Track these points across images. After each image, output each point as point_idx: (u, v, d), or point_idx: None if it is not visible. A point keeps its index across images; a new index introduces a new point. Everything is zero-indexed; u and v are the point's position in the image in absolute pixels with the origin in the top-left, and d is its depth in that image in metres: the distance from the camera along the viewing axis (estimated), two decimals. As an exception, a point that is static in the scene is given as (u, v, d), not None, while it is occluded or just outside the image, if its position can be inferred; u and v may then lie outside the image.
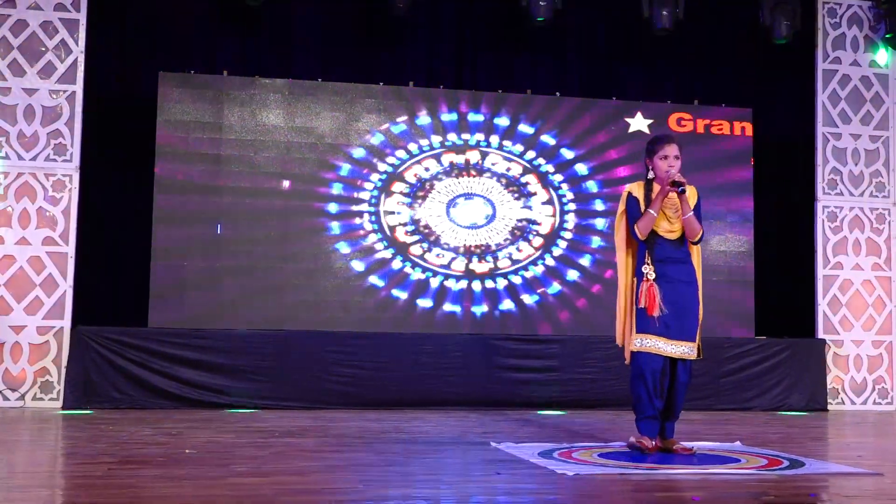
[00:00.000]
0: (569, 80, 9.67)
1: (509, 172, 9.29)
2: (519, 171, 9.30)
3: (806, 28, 9.42)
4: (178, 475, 4.34)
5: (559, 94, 9.47)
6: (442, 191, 9.20)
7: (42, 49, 8.40)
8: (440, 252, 9.11)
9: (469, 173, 9.24)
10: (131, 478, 4.29)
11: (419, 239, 9.11)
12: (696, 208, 5.59)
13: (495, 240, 9.21)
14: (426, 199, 9.16)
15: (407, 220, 9.12)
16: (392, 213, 9.10)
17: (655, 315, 5.41)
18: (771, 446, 5.94)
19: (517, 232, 9.26)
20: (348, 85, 9.15)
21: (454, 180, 9.22)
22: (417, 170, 9.18)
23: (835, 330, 9.35)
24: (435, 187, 9.19)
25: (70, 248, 8.31)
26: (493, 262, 9.18)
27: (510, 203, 9.26)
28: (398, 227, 9.10)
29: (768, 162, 9.90)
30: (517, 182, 9.29)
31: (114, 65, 8.97)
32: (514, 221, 9.26)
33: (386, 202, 9.09)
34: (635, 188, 5.64)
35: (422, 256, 9.09)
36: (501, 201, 9.25)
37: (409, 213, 9.13)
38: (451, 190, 9.22)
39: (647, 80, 9.83)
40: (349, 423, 6.97)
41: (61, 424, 6.83)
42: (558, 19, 9.03)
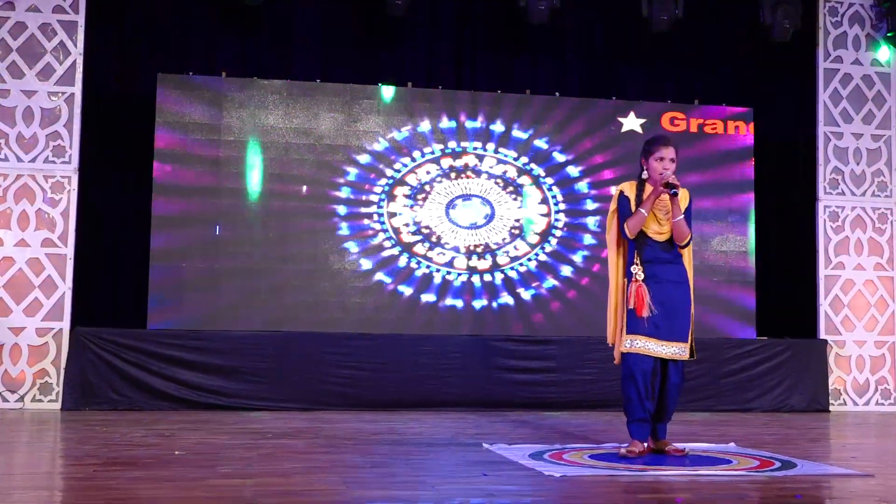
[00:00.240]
0: (568, 81, 9.63)
1: (506, 175, 9.28)
2: (514, 174, 9.29)
3: (807, 27, 9.37)
4: (161, 476, 4.34)
5: (558, 94, 9.44)
6: (441, 192, 9.19)
7: (41, 51, 8.41)
8: (441, 251, 9.11)
9: (467, 175, 9.23)
10: (113, 479, 4.28)
11: (422, 238, 9.11)
12: (687, 211, 5.56)
13: (494, 238, 9.21)
14: (426, 202, 9.15)
15: (409, 220, 9.12)
16: (396, 215, 9.09)
17: (644, 316, 5.37)
18: (766, 448, 5.90)
19: (515, 231, 9.25)
20: (347, 86, 9.14)
21: (452, 183, 9.20)
22: (419, 173, 9.18)
23: (837, 330, 9.29)
24: (434, 189, 9.18)
25: (69, 250, 8.32)
26: (491, 259, 9.19)
27: (508, 203, 9.25)
28: (402, 228, 9.10)
29: (769, 161, 9.85)
30: (514, 183, 9.29)
31: (112, 66, 8.98)
32: (511, 221, 9.26)
33: (390, 205, 9.08)
34: (627, 187, 5.61)
35: (425, 255, 9.09)
36: (499, 202, 9.24)
37: (412, 215, 9.12)
38: (449, 192, 9.21)
39: (646, 79, 9.78)
40: (344, 425, 6.96)
41: (57, 426, 6.85)
42: (557, 19, 9.02)
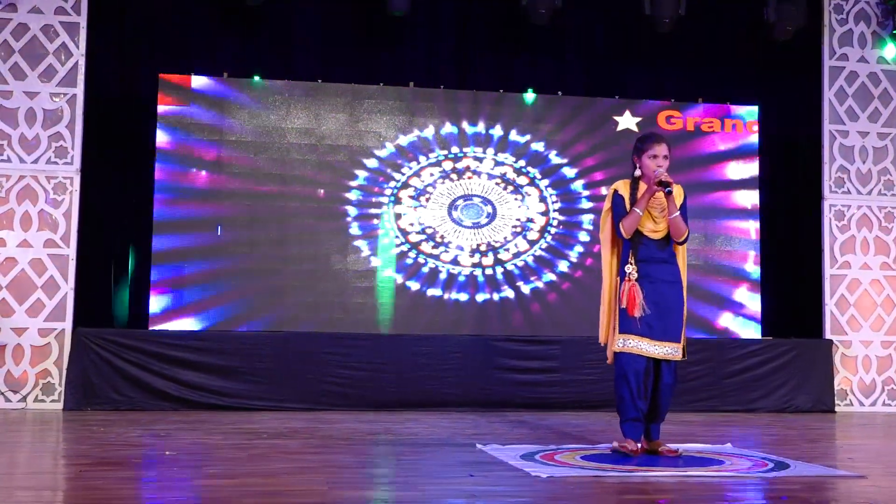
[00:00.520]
0: (569, 80, 9.61)
1: (506, 175, 9.27)
2: (514, 174, 9.28)
3: (811, 24, 9.30)
4: (145, 477, 4.34)
5: (561, 93, 9.41)
6: (444, 193, 9.19)
7: (43, 52, 8.44)
8: (446, 249, 9.12)
9: (469, 177, 9.22)
10: (99, 479, 4.28)
11: (426, 238, 9.11)
12: (683, 208, 5.52)
13: (496, 237, 9.20)
14: (430, 202, 9.16)
15: (414, 220, 9.11)
16: (401, 216, 9.10)
17: (637, 315, 5.34)
18: (763, 448, 5.86)
19: (517, 228, 9.23)
20: (348, 86, 9.15)
21: (454, 184, 9.20)
22: (423, 175, 9.18)
23: (843, 330, 9.21)
24: (437, 190, 9.18)
25: (71, 251, 8.34)
26: (493, 256, 9.18)
27: (508, 203, 9.24)
28: (408, 227, 9.10)
29: (775, 160, 9.80)
30: (514, 183, 9.27)
31: (114, 67, 9.01)
32: (513, 220, 9.25)
33: (395, 206, 9.09)
34: (621, 186, 5.57)
35: (430, 253, 9.11)
36: (499, 201, 9.24)
37: (417, 216, 9.12)
38: (451, 192, 9.20)
39: (649, 79, 9.75)
40: (341, 425, 6.95)
41: (57, 426, 6.85)
42: (559, 19, 8.99)
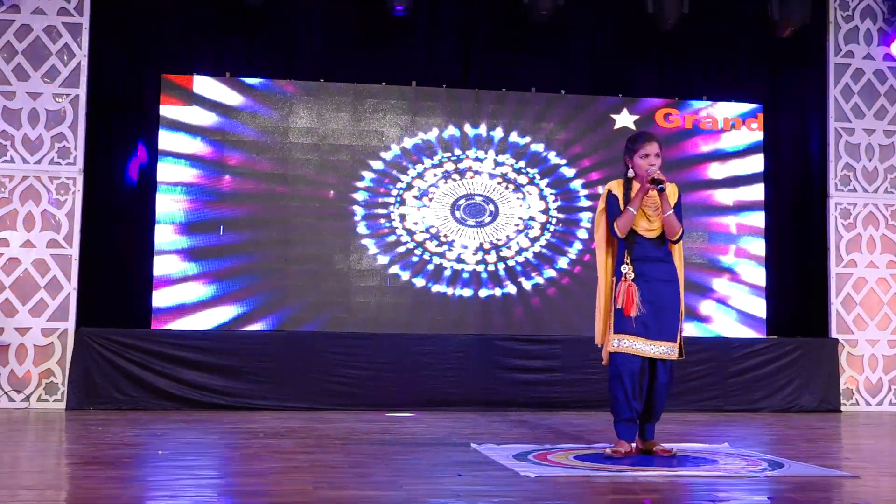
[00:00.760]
0: (571, 79, 9.55)
1: (507, 175, 9.26)
2: (514, 174, 9.27)
3: (817, 21, 9.23)
4: (133, 476, 4.34)
5: (563, 91, 9.39)
6: (447, 193, 9.18)
7: (46, 53, 8.47)
8: (450, 248, 9.11)
9: (470, 177, 9.22)
10: (86, 478, 4.29)
11: (430, 237, 9.10)
12: (677, 206, 5.48)
13: (499, 235, 9.19)
14: (433, 203, 9.15)
15: (419, 220, 9.11)
16: (406, 215, 9.10)
17: (633, 315, 5.31)
18: (760, 448, 5.82)
19: (518, 226, 9.23)
20: (350, 85, 9.14)
21: (456, 184, 9.19)
22: (426, 176, 9.18)
23: (849, 329, 9.15)
24: (440, 189, 9.17)
25: (74, 251, 8.36)
26: (496, 254, 9.18)
27: (510, 202, 9.23)
28: (413, 227, 9.11)
29: (780, 158, 9.74)
30: (514, 182, 9.26)
31: (117, 68, 9.00)
32: (515, 218, 9.24)
33: (399, 206, 9.09)
34: (615, 186, 5.55)
35: (436, 252, 9.10)
36: (501, 200, 9.23)
37: (421, 216, 9.12)
38: (454, 192, 9.19)
39: (652, 77, 9.69)
40: (340, 425, 6.94)
41: (57, 426, 6.88)
42: (561, 18, 8.95)
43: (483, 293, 9.14)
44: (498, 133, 9.30)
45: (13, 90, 8.41)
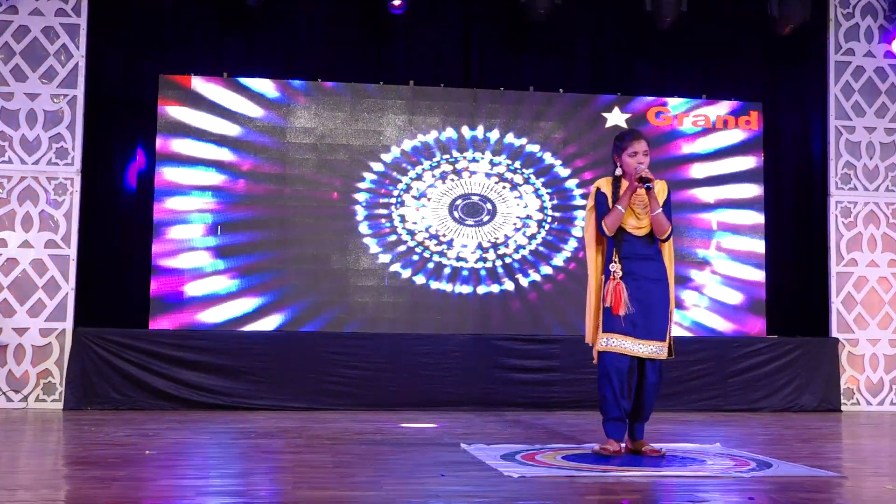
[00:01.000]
0: (569, 78, 9.53)
1: (504, 175, 9.25)
2: (511, 174, 9.25)
3: (817, 19, 9.17)
4: (116, 476, 4.33)
5: (562, 90, 9.36)
6: (445, 193, 9.17)
7: (44, 54, 8.48)
8: (448, 247, 9.10)
9: (468, 177, 9.21)
10: (68, 478, 4.30)
11: (430, 237, 9.09)
12: (666, 204, 5.46)
13: (497, 234, 9.17)
14: (432, 203, 9.14)
15: (418, 219, 9.10)
16: (405, 216, 9.10)
17: (621, 314, 5.29)
18: (753, 448, 5.79)
19: (516, 225, 9.21)
20: (348, 85, 9.13)
21: (454, 184, 9.18)
22: (425, 177, 9.16)
23: (849, 328, 9.09)
24: (438, 189, 9.16)
25: (72, 251, 8.37)
26: (494, 252, 9.16)
27: (508, 202, 9.22)
28: (413, 226, 9.10)
29: (779, 156, 9.70)
30: (510, 181, 9.25)
31: (115, 68, 9.03)
32: (512, 217, 9.22)
33: (399, 207, 9.08)
34: (604, 184, 5.53)
35: (435, 251, 9.10)
36: (498, 200, 9.21)
37: (420, 216, 9.11)
38: (451, 192, 9.18)
39: (650, 75, 9.67)
40: (335, 425, 6.93)
41: (52, 426, 6.89)
42: (558, 17, 8.93)
43: (482, 290, 9.12)
44: (495, 133, 9.27)
45: (11, 91, 8.43)
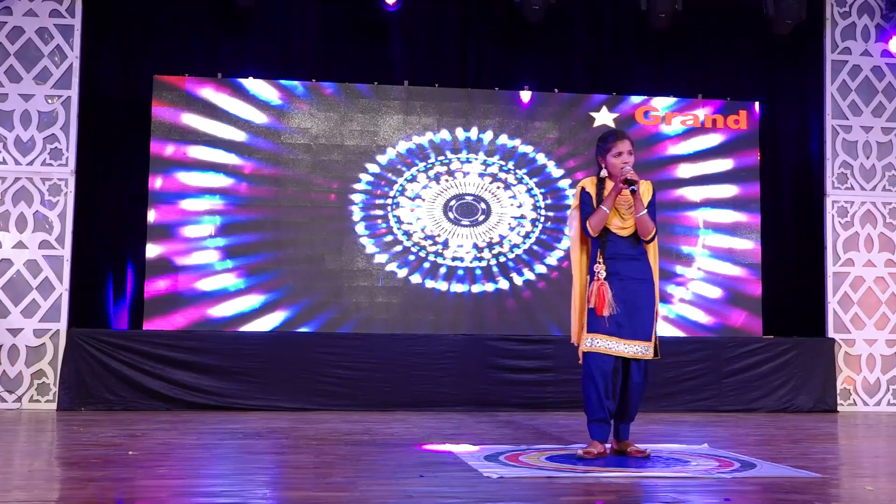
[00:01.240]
0: (565, 78, 9.52)
1: (497, 175, 9.23)
2: (504, 174, 9.24)
3: (813, 18, 9.13)
4: (93, 477, 4.32)
5: (556, 90, 9.34)
6: (439, 193, 9.16)
7: (38, 55, 8.50)
8: (443, 247, 9.09)
9: (461, 177, 9.20)
10: (45, 479, 4.29)
11: (425, 237, 9.08)
12: (651, 205, 5.43)
13: (492, 233, 9.16)
14: (426, 203, 9.13)
15: (413, 220, 9.09)
16: (401, 216, 9.09)
17: (605, 315, 5.26)
18: (741, 449, 5.76)
19: (511, 224, 9.19)
20: (342, 85, 9.13)
21: (448, 184, 9.17)
22: (419, 178, 9.15)
23: (846, 328, 9.04)
24: (433, 190, 9.16)
25: (66, 252, 8.39)
26: (489, 251, 9.15)
27: (502, 201, 9.21)
28: (408, 226, 9.09)
29: (776, 156, 9.66)
30: (504, 181, 9.23)
31: (109, 69, 9.05)
32: (507, 217, 9.21)
33: (395, 208, 9.08)
34: (588, 183, 5.51)
35: (429, 250, 9.09)
36: (493, 200, 9.20)
37: (415, 216, 9.09)
38: (446, 193, 9.17)
39: (645, 74, 9.65)
40: (325, 425, 6.92)
41: (43, 426, 6.89)
42: (554, 16, 8.92)
43: (476, 289, 9.11)
44: (489, 133, 9.25)
45: (5, 92, 8.45)
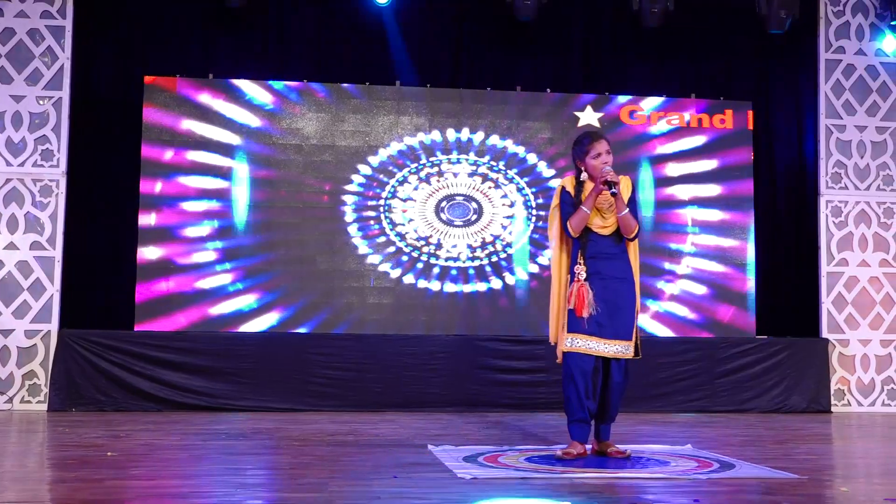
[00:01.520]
0: (557, 77, 9.49)
1: (488, 175, 9.22)
2: (495, 174, 9.22)
3: (807, 17, 9.08)
4: (66, 478, 4.33)
5: (549, 90, 9.32)
6: (431, 194, 9.15)
7: (29, 56, 8.51)
8: (438, 247, 9.08)
9: (452, 177, 9.18)
10: (12, 480, 4.28)
11: (418, 238, 9.07)
12: (632, 201, 5.41)
13: (485, 233, 9.14)
14: (419, 204, 9.12)
15: (405, 221, 9.08)
16: (393, 217, 9.07)
17: (585, 316, 5.24)
18: (725, 449, 5.72)
19: (504, 223, 9.17)
20: (334, 86, 9.11)
21: (438, 185, 9.15)
22: (411, 179, 9.13)
23: (840, 329, 9.00)
24: (424, 191, 9.14)
25: (57, 253, 8.39)
26: (482, 251, 9.14)
27: (494, 200, 9.19)
28: (401, 227, 9.07)
29: (769, 155, 9.63)
30: (495, 181, 9.22)
31: (100, 70, 9.05)
32: (500, 216, 9.19)
33: (387, 209, 9.06)
34: (569, 183, 5.49)
35: (424, 251, 9.08)
36: (484, 199, 9.18)
37: (408, 217, 9.08)
38: (437, 194, 9.16)
39: (639, 74, 9.62)
40: (311, 426, 6.90)
41: (31, 427, 6.89)
42: (547, 16, 8.90)
43: (468, 289, 9.08)
44: (480, 133, 9.23)
45: (-4, 93, 8.48)
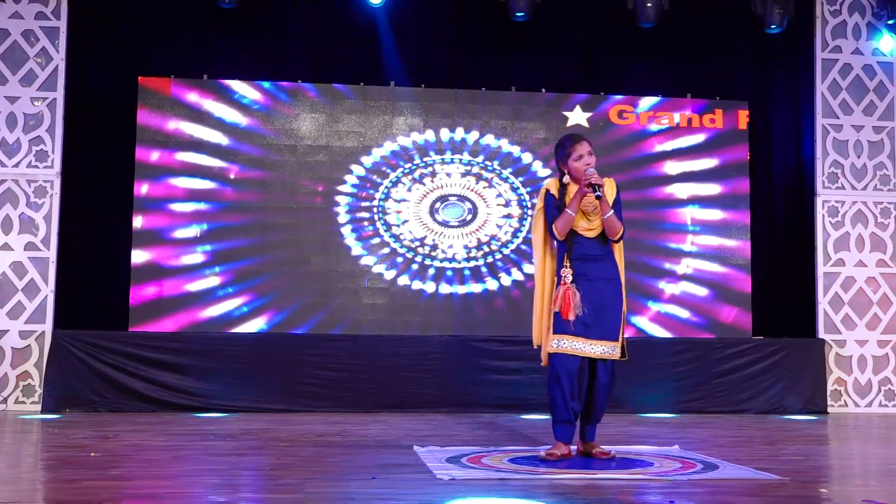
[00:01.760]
0: (552, 77, 9.49)
1: (482, 175, 9.20)
2: (489, 174, 9.21)
3: (803, 16, 9.05)
4: (46, 479, 4.33)
5: (544, 90, 9.30)
6: (425, 194, 9.15)
7: (23, 57, 8.52)
8: (433, 248, 9.06)
9: (446, 177, 9.17)
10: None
11: (413, 239, 9.07)
12: (616, 203, 5.38)
13: (480, 234, 9.14)
14: (413, 204, 9.12)
15: (399, 222, 9.07)
16: (388, 221, 9.06)
17: (570, 319, 5.21)
18: (712, 450, 5.69)
19: (499, 223, 9.16)
20: (328, 86, 9.12)
21: (432, 184, 9.15)
22: (404, 180, 9.13)
23: (836, 329, 8.96)
24: (419, 191, 9.14)
25: (51, 253, 8.41)
26: (477, 251, 9.13)
27: (489, 200, 9.18)
28: (394, 229, 9.08)
29: (765, 155, 9.59)
30: (489, 181, 9.21)
31: (94, 71, 9.09)
32: (495, 216, 9.18)
33: (381, 210, 9.06)
34: (553, 185, 5.46)
35: (419, 252, 9.08)
36: (479, 199, 9.17)
37: (402, 218, 9.07)
38: (434, 194, 9.15)
39: (634, 74, 9.61)
40: (302, 426, 6.89)
41: (22, 428, 6.90)
42: (541, 16, 8.89)
43: (463, 290, 9.08)
44: (474, 133, 9.22)
45: (-9, 94, 8.49)
